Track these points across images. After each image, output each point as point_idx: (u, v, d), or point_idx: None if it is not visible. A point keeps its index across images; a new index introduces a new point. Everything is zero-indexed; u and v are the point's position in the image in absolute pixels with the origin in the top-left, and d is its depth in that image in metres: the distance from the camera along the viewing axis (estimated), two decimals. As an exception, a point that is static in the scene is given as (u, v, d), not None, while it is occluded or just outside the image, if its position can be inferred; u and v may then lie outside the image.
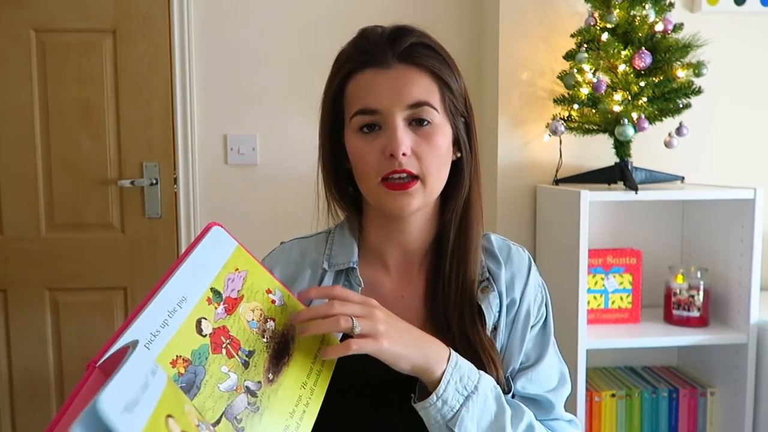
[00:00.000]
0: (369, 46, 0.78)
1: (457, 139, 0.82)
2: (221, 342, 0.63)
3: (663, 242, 1.85)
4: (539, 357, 0.85)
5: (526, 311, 0.85)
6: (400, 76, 0.76)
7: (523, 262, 0.88)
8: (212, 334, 0.62)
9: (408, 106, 0.76)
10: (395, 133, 0.75)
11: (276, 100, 1.99)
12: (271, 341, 0.67)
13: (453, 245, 0.83)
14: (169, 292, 0.61)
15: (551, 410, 0.85)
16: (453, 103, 0.80)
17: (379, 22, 0.83)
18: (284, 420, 0.64)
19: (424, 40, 0.79)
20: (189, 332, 0.60)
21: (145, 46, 1.94)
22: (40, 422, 2.00)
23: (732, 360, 1.63)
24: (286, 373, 0.67)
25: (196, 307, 0.62)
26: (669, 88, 1.56)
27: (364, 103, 0.77)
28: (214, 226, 0.68)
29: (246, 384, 0.63)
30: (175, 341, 0.59)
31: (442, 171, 0.80)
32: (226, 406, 0.60)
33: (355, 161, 0.79)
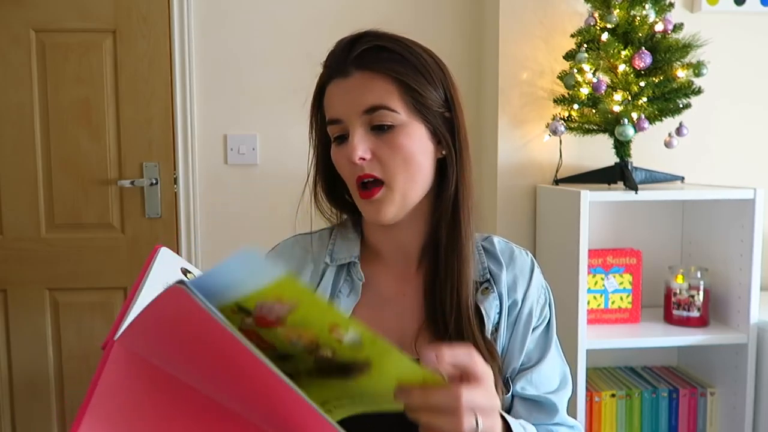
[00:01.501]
0: (333, 57, 0.81)
1: (438, 136, 0.80)
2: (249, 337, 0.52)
3: (663, 242, 1.85)
4: (540, 358, 0.85)
5: (528, 313, 0.85)
6: (356, 82, 0.77)
7: (526, 264, 0.88)
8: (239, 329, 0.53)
9: (363, 112, 0.76)
10: (352, 139, 0.76)
11: (276, 100, 1.99)
12: (318, 361, 0.56)
13: (446, 244, 0.82)
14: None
15: (554, 413, 0.84)
16: (420, 101, 0.78)
17: (379, 22, 0.83)
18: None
19: (379, 43, 0.78)
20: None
21: (145, 46, 1.95)
22: (40, 422, 2.00)
23: (732, 360, 1.63)
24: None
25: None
26: (669, 88, 1.56)
27: (330, 114, 0.79)
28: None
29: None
30: None
31: (414, 172, 0.78)
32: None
33: (338, 170, 0.82)
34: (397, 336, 0.83)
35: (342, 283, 0.85)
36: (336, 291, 0.84)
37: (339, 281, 0.85)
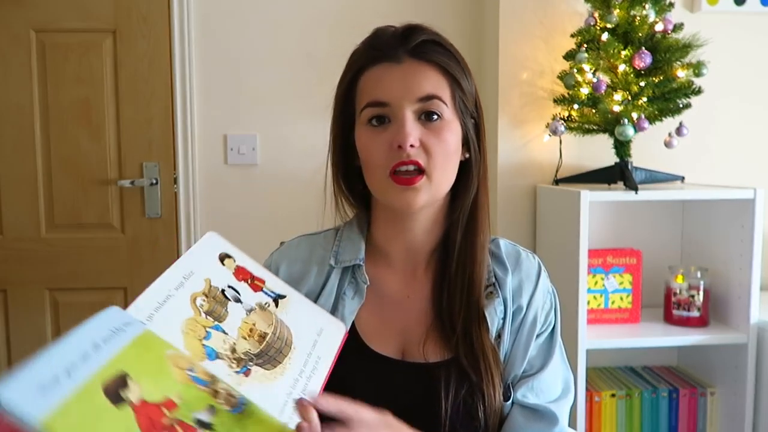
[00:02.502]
0: (381, 42, 0.79)
1: (466, 139, 0.81)
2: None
3: (663, 242, 1.85)
4: (543, 365, 0.84)
5: (533, 319, 0.84)
6: (411, 70, 0.77)
7: (533, 269, 0.87)
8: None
9: (418, 99, 0.76)
10: (404, 124, 0.75)
11: (276, 100, 1.99)
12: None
13: (460, 246, 0.82)
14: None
15: (555, 423, 0.82)
16: (463, 101, 0.80)
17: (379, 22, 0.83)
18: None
19: (435, 38, 0.80)
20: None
21: (145, 46, 1.95)
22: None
23: (732, 360, 1.63)
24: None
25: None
26: (669, 88, 1.56)
27: (375, 96, 0.77)
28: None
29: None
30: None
31: (449, 168, 0.79)
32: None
33: (364, 154, 0.79)
34: (403, 338, 0.82)
35: (346, 285, 0.84)
36: (341, 293, 0.84)
37: (344, 283, 0.84)
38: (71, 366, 0.52)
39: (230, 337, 0.68)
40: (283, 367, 0.70)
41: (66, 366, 0.52)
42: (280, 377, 0.69)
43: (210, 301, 0.70)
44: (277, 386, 0.68)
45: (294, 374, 0.70)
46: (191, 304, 0.68)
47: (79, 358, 0.53)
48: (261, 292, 0.75)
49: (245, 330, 0.70)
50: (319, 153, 0.88)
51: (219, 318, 0.69)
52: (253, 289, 0.75)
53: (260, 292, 0.75)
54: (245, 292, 0.73)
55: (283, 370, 0.70)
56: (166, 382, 0.58)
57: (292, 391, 0.68)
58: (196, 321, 0.67)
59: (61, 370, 0.51)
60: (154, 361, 0.60)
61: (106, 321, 0.61)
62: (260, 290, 0.75)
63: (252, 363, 0.68)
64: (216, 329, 0.68)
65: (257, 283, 0.75)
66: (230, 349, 0.67)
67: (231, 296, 0.72)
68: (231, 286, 0.73)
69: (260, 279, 0.75)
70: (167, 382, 0.58)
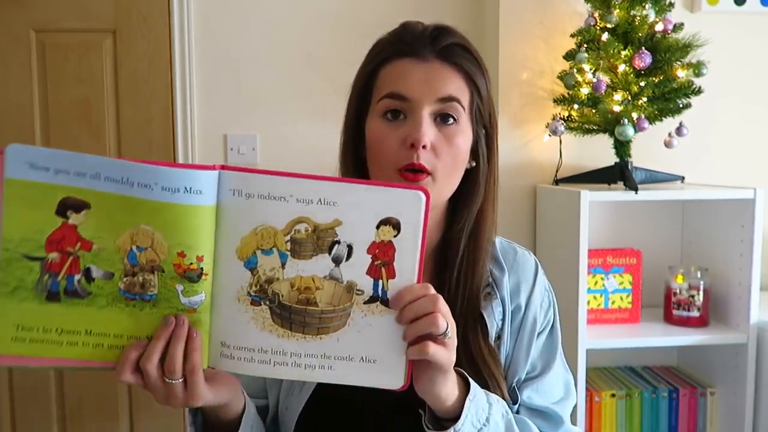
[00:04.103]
0: (409, 37, 0.78)
1: (476, 148, 0.81)
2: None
3: (663, 242, 1.85)
4: (546, 366, 0.84)
5: (533, 318, 0.83)
6: (435, 69, 0.77)
7: (530, 267, 0.87)
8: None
9: (438, 100, 0.75)
10: (420, 123, 0.74)
11: (276, 100, 1.99)
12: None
13: (462, 255, 0.81)
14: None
15: (560, 424, 0.83)
16: (480, 109, 0.80)
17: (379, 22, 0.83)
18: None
19: (463, 43, 0.80)
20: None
21: (145, 46, 1.94)
22: (40, 422, 2.00)
23: (732, 360, 1.63)
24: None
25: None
26: (669, 88, 1.56)
27: (395, 88, 0.76)
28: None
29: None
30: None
31: (455, 173, 0.79)
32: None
33: (374, 147, 0.78)
34: None
35: None
36: None
37: None
38: (77, 171, 0.58)
39: (281, 272, 0.64)
40: (290, 335, 0.65)
41: (75, 168, 0.58)
42: (276, 334, 0.65)
43: (311, 236, 0.63)
44: (258, 337, 0.64)
45: (285, 347, 0.65)
46: (289, 222, 0.63)
47: (92, 176, 0.58)
48: (377, 280, 0.65)
49: (301, 282, 0.64)
50: (320, 153, 0.89)
51: (296, 253, 0.64)
52: (372, 273, 0.65)
53: (377, 280, 0.65)
54: (357, 264, 0.64)
55: (288, 336, 0.65)
56: (110, 235, 0.60)
57: (256, 352, 0.64)
58: (275, 234, 0.63)
59: (65, 167, 0.58)
60: (126, 221, 0.60)
61: (190, 177, 0.60)
62: (378, 279, 0.65)
63: (267, 304, 0.64)
64: (282, 257, 0.64)
65: (385, 270, 0.65)
66: (267, 278, 0.64)
67: (336, 253, 0.64)
68: (351, 246, 0.64)
69: (394, 272, 0.65)
70: (110, 235, 0.60)
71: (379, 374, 0.66)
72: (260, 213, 0.62)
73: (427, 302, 0.63)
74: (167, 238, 0.61)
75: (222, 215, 0.62)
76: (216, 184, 0.62)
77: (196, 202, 0.61)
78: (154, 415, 2.00)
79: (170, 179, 0.60)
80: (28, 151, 0.59)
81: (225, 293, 0.64)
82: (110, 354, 0.63)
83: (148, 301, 0.62)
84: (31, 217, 0.59)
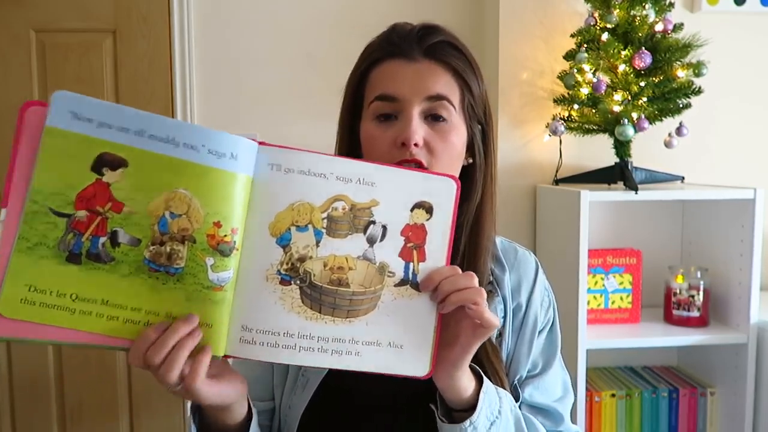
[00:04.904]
0: (397, 38, 0.79)
1: (471, 144, 0.81)
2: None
3: (663, 242, 1.85)
4: (546, 365, 0.84)
5: (534, 317, 0.84)
6: (423, 69, 0.77)
7: (530, 266, 0.87)
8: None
9: (427, 98, 0.76)
10: (410, 122, 0.75)
11: (276, 100, 1.99)
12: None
13: (463, 251, 0.81)
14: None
15: (561, 421, 0.84)
16: (472, 105, 0.80)
17: (380, 22, 0.83)
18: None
19: (451, 40, 0.80)
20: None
21: (145, 46, 1.94)
22: (40, 422, 2.00)
23: (732, 360, 1.63)
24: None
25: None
26: (669, 88, 1.56)
27: (385, 90, 0.77)
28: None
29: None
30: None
31: (452, 170, 0.79)
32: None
33: (368, 148, 0.79)
34: None
35: None
36: None
37: None
38: (121, 126, 0.57)
39: (315, 250, 0.63)
40: (319, 318, 0.63)
41: (119, 123, 0.57)
42: (304, 316, 0.63)
43: (347, 215, 0.63)
44: (285, 319, 0.62)
45: (319, 332, 0.63)
46: (328, 199, 0.63)
47: (136, 132, 0.57)
48: (408, 263, 0.65)
49: (334, 261, 0.63)
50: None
51: (331, 231, 0.63)
52: (404, 255, 0.65)
53: (408, 262, 0.65)
54: (390, 246, 0.64)
55: (317, 319, 0.63)
56: (144, 198, 0.58)
57: (283, 336, 0.62)
58: (312, 210, 0.62)
59: (109, 120, 0.57)
60: (163, 184, 0.57)
61: (237, 144, 0.60)
62: (409, 261, 0.65)
63: (297, 283, 0.62)
64: (317, 234, 0.63)
65: (416, 253, 0.65)
66: (300, 256, 0.62)
67: (371, 233, 0.64)
68: (386, 227, 0.64)
69: (425, 255, 0.65)
70: (144, 198, 0.58)
71: (405, 361, 0.65)
72: (299, 188, 0.62)
73: (464, 278, 0.65)
74: (205, 205, 0.59)
75: (257, 189, 0.61)
76: (254, 156, 0.61)
77: (238, 170, 0.60)
78: (154, 415, 2.00)
79: (218, 142, 0.59)
80: (74, 99, 0.58)
81: (253, 271, 0.62)
82: (124, 329, 0.59)
83: (172, 274, 0.59)
84: (65, 171, 0.56)
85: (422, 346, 0.66)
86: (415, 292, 0.65)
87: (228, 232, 0.60)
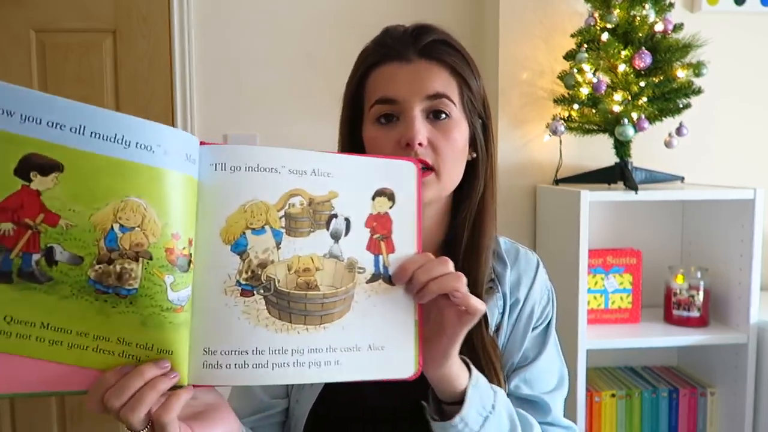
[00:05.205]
0: (391, 41, 0.79)
1: (473, 139, 0.82)
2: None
3: (663, 242, 1.85)
4: (536, 356, 0.84)
5: (530, 311, 0.85)
6: (420, 69, 0.77)
7: (531, 264, 0.88)
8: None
9: (427, 97, 0.76)
10: (412, 122, 0.75)
11: (276, 100, 1.99)
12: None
13: (466, 246, 0.82)
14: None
15: (548, 413, 0.83)
16: (471, 101, 0.80)
17: (380, 22, 0.83)
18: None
19: (445, 38, 0.80)
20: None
21: (145, 46, 1.94)
22: (40, 422, 2.00)
23: (732, 360, 1.63)
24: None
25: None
26: (669, 88, 1.56)
27: (384, 93, 0.77)
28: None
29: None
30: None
31: (457, 166, 0.79)
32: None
33: (371, 151, 0.79)
34: None
35: None
36: None
37: None
38: (53, 121, 0.47)
39: (276, 253, 0.56)
40: (290, 329, 0.56)
41: (51, 117, 0.47)
42: (273, 329, 0.56)
43: (306, 210, 0.57)
44: (252, 335, 0.55)
45: (289, 343, 0.56)
46: (283, 196, 0.57)
47: (73, 129, 0.47)
48: (377, 256, 0.60)
49: (299, 263, 0.57)
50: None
51: (291, 230, 0.57)
52: (372, 248, 0.60)
53: (377, 255, 0.60)
54: (356, 240, 0.59)
55: (288, 330, 0.56)
56: (85, 208, 0.48)
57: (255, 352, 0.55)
58: (267, 210, 0.56)
59: (36, 114, 0.47)
60: (110, 191, 0.48)
61: (191, 143, 0.52)
62: (378, 254, 0.60)
63: (261, 292, 0.56)
64: (276, 235, 0.56)
65: (384, 244, 0.60)
66: (260, 262, 0.56)
67: (334, 228, 0.59)
68: (349, 219, 0.59)
69: (393, 245, 0.61)
70: (85, 209, 0.48)
71: (389, 363, 0.60)
72: (249, 187, 0.55)
73: (439, 264, 0.61)
74: (162, 215, 0.50)
75: (203, 192, 0.54)
76: (197, 154, 0.54)
77: (194, 174, 0.52)
78: (154, 415, 2.00)
79: (174, 142, 0.51)
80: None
81: (208, 285, 0.54)
82: (70, 355, 0.50)
83: (124, 296, 0.50)
84: None
85: (405, 344, 0.61)
86: (389, 287, 0.60)
87: (186, 244, 0.52)
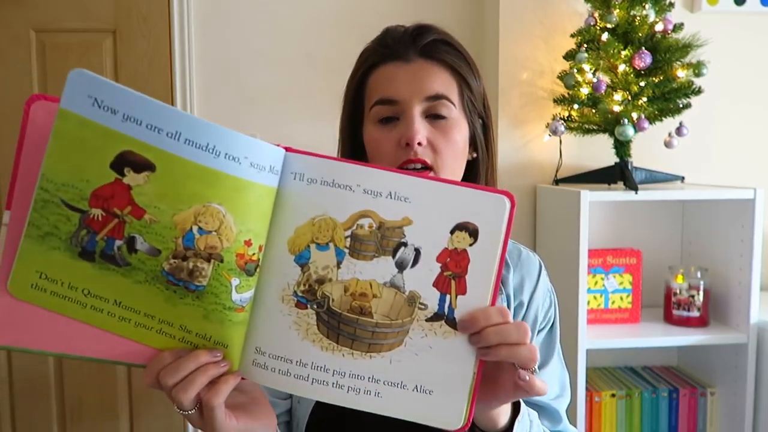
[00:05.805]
0: (391, 41, 0.79)
1: (473, 139, 0.82)
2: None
3: (663, 242, 1.85)
4: (543, 362, 0.84)
5: (534, 315, 0.85)
6: (420, 69, 0.77)
7: (534, 266, 0.88)
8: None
9: (426, 98, 0.76)
10: (412, 122, 0.75)
11: (276, 100, 1.99)
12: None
13: None
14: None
15: (558, 420, 0.84)
16: (471, 101, 0.81)
17: (380, 22, 0.83)
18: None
19: (445, 38, 0.81)
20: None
21: (145, 46, 1.94)
22: (40, 422, 2.00)
23: (732, 360, 1.63)
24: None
25: None
26: (669, 88, 1.56)
27: (384, 94, 0.77)
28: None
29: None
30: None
31: (457, 167, 0.80)
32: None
33: (371, 151, 0.80)
34: None
35: None
36: None
37: None
38: (152, 124, 0.50)
39: (335, 272, 0.56)
40: (336, 349, 0.56)
41: (151, 120, 0.50)
42: (319, 346, 0.56)
43: (374, 234, 0.55)
44: (299, 346, 0.56)
45: (337, 367, 0.56)
46: (352, 216, 0.55)
47: (170, 134, 0.50)
48: (444, 294, 0.56)
49: (357, 286, 0.56)
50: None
51: (355, 252, 0.56)
52: (440, 286, 0.56)
53: (444, 294, 0.56)
54: (423, 273, 0.56)
55: (333, 350, 0.56)
56: (169, 208, 0.52)
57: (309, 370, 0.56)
58: (334, 227, 0.55)
59: (138, 115, 0.50)
60: (194, 195, 0.51)
61: (275, 155, 0.54)
62: (446, 293, 0.56)
63: (314, 308, 0.56)
64: (338, 254, 0.56)
65: (455, 284, 0.56)
66: (319, 278, 0.56)
67: (401, 257, 0.56)
68: (419, 250, 0.56)
69: (465, 287, 0.56)
70: (169, 208, 0.52)
71: (435, 409, 0.56)
72: (321, 202, 0.55)
73: (517, 329, 0.56)
74: (239, 223, 0.53)
75: (279, 201, 0.55)
76: (281, 164, 0.55)
77: (274, 184, 0.54)
78: (154, 415, 2.00)
79: (260, 155, 0.52)
80: (96, 82, 0.51)
81: (269, 290, 0.56)
82: (136, 332, 0.55)
83: (192, 291, 0.54)
84: (80, 163, 0.51)
85: (457, 395, 0.56)
86: (450, 330, 0.56)
87: (256, 251, 0.55)
